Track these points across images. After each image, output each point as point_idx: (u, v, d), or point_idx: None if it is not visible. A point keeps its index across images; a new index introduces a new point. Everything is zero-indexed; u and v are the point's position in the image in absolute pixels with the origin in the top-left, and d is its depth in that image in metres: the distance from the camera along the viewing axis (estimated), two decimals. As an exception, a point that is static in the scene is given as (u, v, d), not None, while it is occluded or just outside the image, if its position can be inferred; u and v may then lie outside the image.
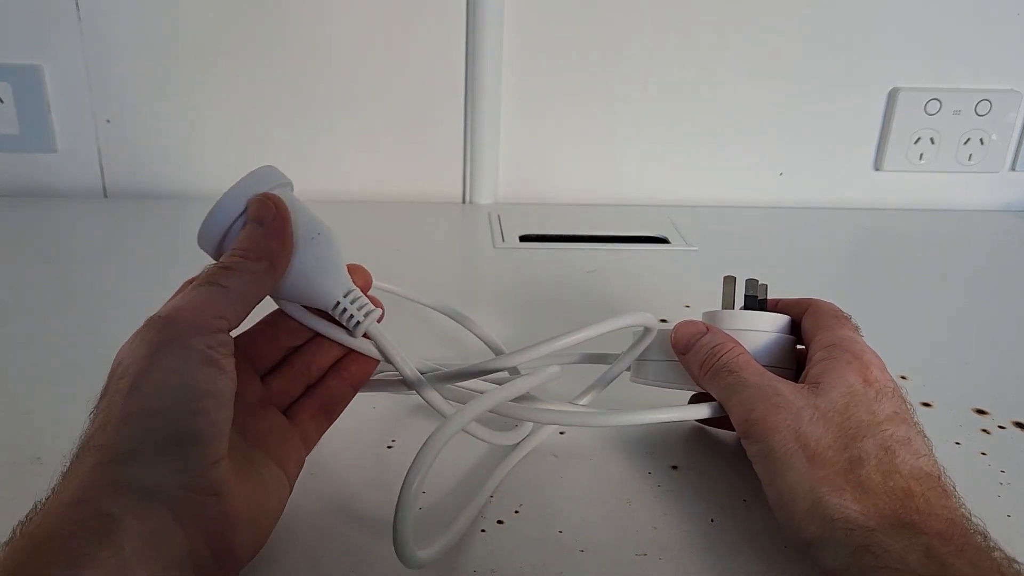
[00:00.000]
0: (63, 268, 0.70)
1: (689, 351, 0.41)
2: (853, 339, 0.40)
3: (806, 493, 0.34)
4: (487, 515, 0.40)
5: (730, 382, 0.39)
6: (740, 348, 0.40)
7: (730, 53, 0.83)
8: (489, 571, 0.37)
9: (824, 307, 0.43)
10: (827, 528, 0.33)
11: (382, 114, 0.83)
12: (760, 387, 0.38)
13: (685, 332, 0.42)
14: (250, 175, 0.36)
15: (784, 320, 0.43)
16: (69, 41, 0.79)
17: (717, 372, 0.40)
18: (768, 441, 0.36)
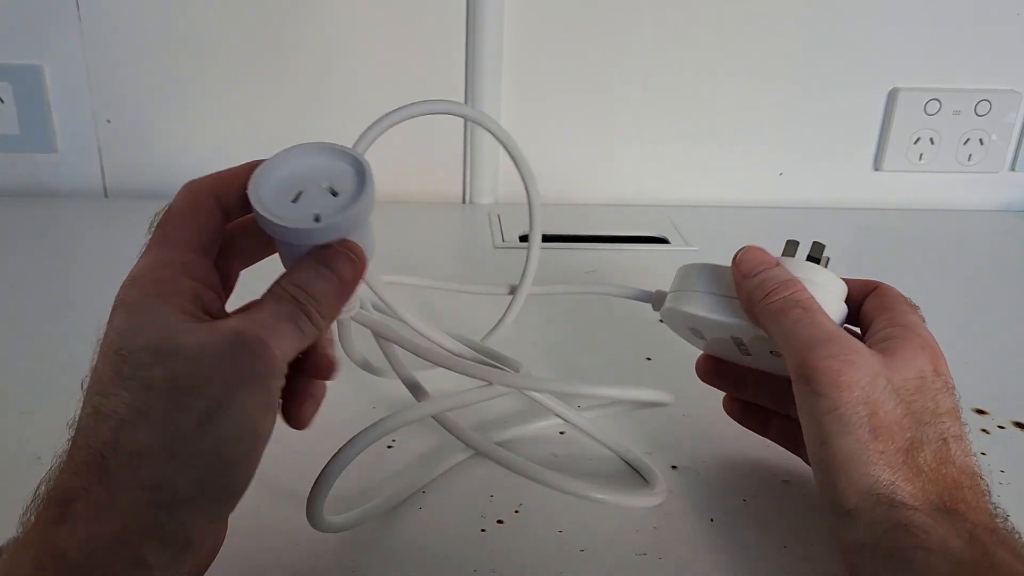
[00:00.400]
0: (63, 268, 0.70)
1: (754, 276, 0.38)
2: (924, 327, 0.39)
3: (860, 465, 0.33)
4: (487, 515, 0.40)
5: (800, 318, 0.36)
6: (809, 293, 0.38)
7: (730, 53, 0.83)
8: (489, 571, 0.37)
9: (894, 291, 0.41)
10: (869, 502, 0.32)
11: (382, 114, 0.83)
12: (837, 336, 0.35)
13: (754, 257, 0.39)
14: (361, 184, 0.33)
15: (844, 288, 0.40)
16: (69, 41, 0.79)
17: (786, 305, 0.37)
18: (836, 398, 0.33)
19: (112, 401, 0.28)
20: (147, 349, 0.29)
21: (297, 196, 0.33)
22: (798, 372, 0.35)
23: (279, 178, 0.34)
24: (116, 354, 0.29)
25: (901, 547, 0.31)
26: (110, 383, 0.29)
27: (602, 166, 0.87)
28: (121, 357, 0.29)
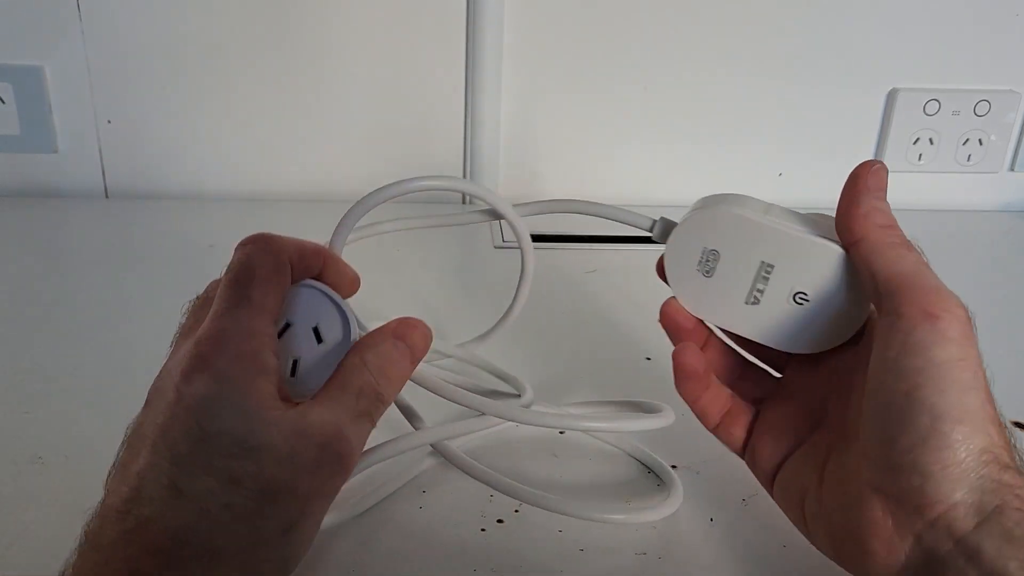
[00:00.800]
0: (63, 268, 0.70)
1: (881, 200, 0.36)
2: None
3: (976, 423, 0.30)
4: (487, 514, 0.40)
5: (922, 263, 0.34)
6: None
7: (730, 53, 0.83)
8: (489, 571, 0.37)
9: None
10: (978, 460, 0.30)
11: (382, 114, 0.84)
12: (950, 293, 0.32)
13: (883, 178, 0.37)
14: None
15: None
16: (70, 41, 0.79)
17: (910, 245, 0.34)
18: (962, 349, 0.31)
19: (195, 484, 0.27)
20: (234, 438, 0.28)
21: (284, 328, 0.33)
22: (923, 310, 0.31)
23: None
24: (198, 427, 0.28)
25: (1008, 508, 0.29)
26: (191, 461, 0.28)
27: (602, 166, 0.87)
28: (204, 433, 0.28)
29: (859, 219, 0.35)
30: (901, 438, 0.30)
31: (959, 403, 0.30)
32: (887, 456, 0.30)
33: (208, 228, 0.78)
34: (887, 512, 0.31)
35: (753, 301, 0.37)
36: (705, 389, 0.37)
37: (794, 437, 0.37)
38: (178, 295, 0.64)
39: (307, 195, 0.86)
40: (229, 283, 0.31)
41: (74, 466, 0.43)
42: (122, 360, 0.54)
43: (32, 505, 0.40)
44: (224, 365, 0.29)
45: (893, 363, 0.31)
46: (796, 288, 0.36)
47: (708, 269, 0.38)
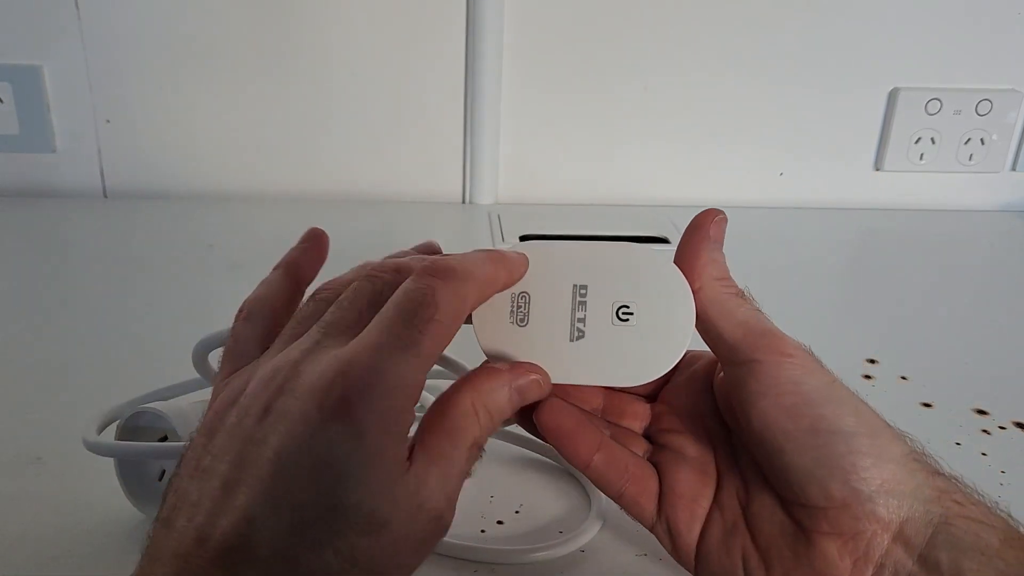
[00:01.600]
0: (62, 268, 0.70)
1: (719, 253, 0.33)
2: None
3: (887, 428, 0.30)
4: (487, 515, 0.40)
5: (759, 312, 0.33)
6: None
7: (730, 53, 0.83)
8: (489, 571, 0.37)
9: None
10: (910, 468, 0.29)
11: (382, 114, 0.83)
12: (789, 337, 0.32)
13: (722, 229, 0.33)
14: None
15: None
16: (69, 41, 0.79)
17: (743, 296, 0.33)
18: (828, 374, 0.31)
19: (315, 560, 0.25)
20: (364, 513, 0.25)
21: None
22: (773, 350, 0.30)
23: None
24: (331, 494, 0.25)
25: (952, 516, 0.29)
26: (316, 533, 0.25)
27: (602, 166, 0.87)
28: (336, 503, 0.25)
29: (699, 269, 0.32)
30: (830, 472, 0.29)
31: (860, 419, 0.30)
32: (825, 495, 0.29)
33: (207, 228, 0.78)
34: (844, 551, 0.29)
35: (578, 335, 0.33)
36: (595, 449, 0.33)
37: (703, 498, 0.33)
38: (177, 295, 0.64)
39: (307, 195, 0.86)
40: (403, 312, 0.27)
41: (74, 466, 0.42)
42: (122, 360, 0.54)
43: (32, 505, 0.39)
44: (368, 424, 0.25)
45: (776, 408, 0.30)
46: (617, 301, 0.33)
47: (522, 316, 0.33)
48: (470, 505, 0.41)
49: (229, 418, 0.27)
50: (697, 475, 0.33)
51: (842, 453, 0.29)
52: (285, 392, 0.26)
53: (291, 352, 0.28)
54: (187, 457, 0.27)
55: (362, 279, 0.30)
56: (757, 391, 0.30)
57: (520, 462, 0.44)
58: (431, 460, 0.27)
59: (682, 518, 0.33)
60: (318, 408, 0.25)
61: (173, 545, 0.25)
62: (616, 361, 0.33)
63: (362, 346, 0.26)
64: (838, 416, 0.29)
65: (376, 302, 0.28)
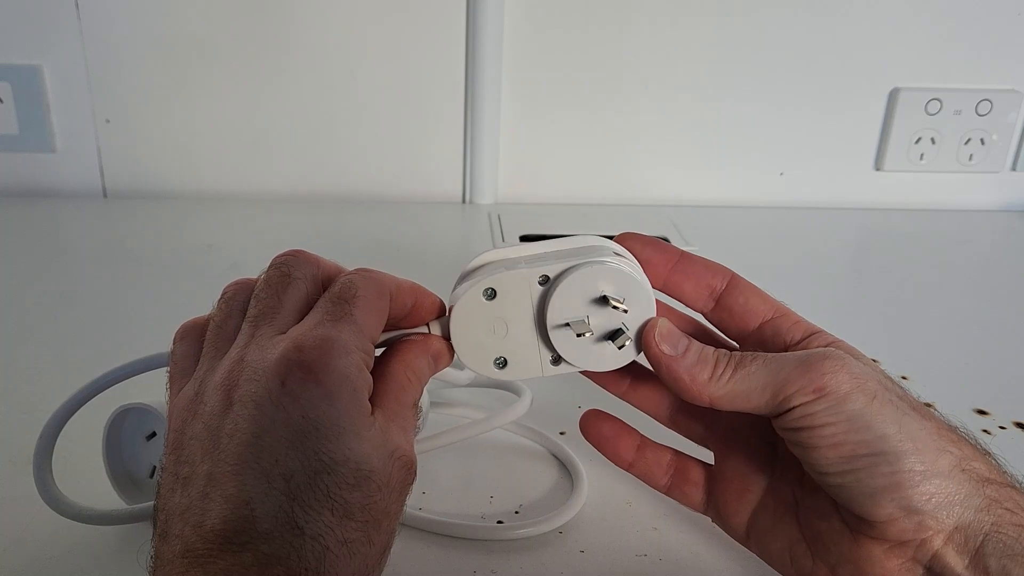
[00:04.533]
0: (61, 267, 0.70)
1: (684, 355, 0.33)
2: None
3: (931, 441, 0.29)
4: (487, 515, 0.40)
5: (755, 365, 0.32)
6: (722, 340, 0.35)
7: (730, 53, 0.83)
8: (489, 572, 0.37)
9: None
10: (957, 480, 0.29)
11: (382, 114, 0.83)
12: (795, 354, 0.32)
13: (670, 331, 0.33)
14: None
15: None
16: (69, 41, 0.79)
17: (737, 363, 0.32)
18: (864, 391, 0.30)
19: (315, 522, 0.26)
20: (350, 468, 0.27)
21: None
22: (804, 391, 0.30)
23: None
24: (316, 457, 0.26)
25: (1002, 524, 0.29)
26: (311, 494, 0.26)
27: (602, 166, 0.87)
28: (323, 465, 0.26)
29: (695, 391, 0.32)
30: (876, 494, 0.29)
31: (905, 437, 0.29)
32: (873, 512, 0.30)
33: (207, 228, 0.78)
34: (890, 554, 0.31)
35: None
36: (633, 450, 0.36)
37: (759, 493, 0.35)
38: (176, 295, 0.64)
39: (306, 195, 0.86)
40: (331, 299, 0.30)
41: (74, 466, 0.43)
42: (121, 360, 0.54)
43: (32, 505, 0.39)
44: (333, 383, 0.27)
45: (816, 439, 0.30)
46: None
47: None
48: (470, 505, 0.41)
49: (193, 427, 0.28)
50: (749, 462, 0.35)
51: (886, 474, 0.29)
52: (240, 383, 0.28)
53: (232, 352, 0.29)
54: (164, 479, 0.28)
55: (269, 269, 0.32)
56: (798, 430, 0.31)
57: (520, 462, 0.44)
58: (388, 417, 0.29)
59: (730, 502, 0.35)
60: (281, 383, 0.27)
61: (178, 548, 0.26)
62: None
63: (304, 327, 0.29)
64: (881, 438, 0.29)
65: (288, 285, 0.31)
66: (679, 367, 0.32)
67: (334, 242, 0.75)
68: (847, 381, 0.30)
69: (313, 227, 0.79)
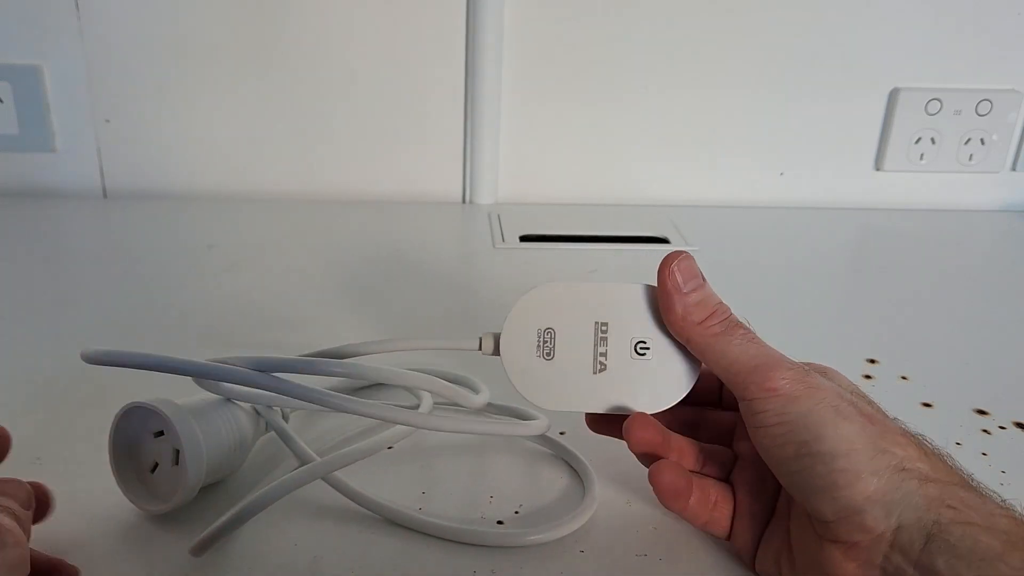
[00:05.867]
0: (63, 268, 0.70)
1: (689, 293, 0.36)
2: None
3: (868, 443, 0.31)
4: (487, 515, 0.40)
5: (746, 339, 0.35)
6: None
7: (730, 52, 0.83)
8: (489, 572, 0.37)
9: None
10: (894, 480, 0.30)
11: (382, 114, 0.83)
12: (782, 356, 0.34)
13: (689, 269, 0.36)
14: None
15: None
16: (69, 41, 0.79)
17: (727, 328, 0.35)
18: (814, 396, 0.32)
19: None
20: None
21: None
22: (759, 386, 0.33)
23: None
24: None
25: (944, 524, 0.29)
26: None
27: (602, 166, 0.87)
28: None
29: (678, 324, 0.36)
30: (817, 493, 0.31)
31: (839, 437, 0.31)
32: (819, 512, 0.32)
33: (206, 228, 0.78)
34: (847, 556, 0.32)
35: (601, 368, 0.38)
36: (690, 495, 0.37)
37: (767, 508, 0.37)
38: (176, 295, 0.64)
39: (307, 195, 0.86)
40: None
41: (74, 466, 0.43)
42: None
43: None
44: None
45: (770, 437, 0.33)
46: (635, 337, 0.37)
47: (548, 351, 0.38)
48: (470, 505, 0.41)
49: None
50: (758, 484, 0.37)
51: (822, 474, 0.31)
52: None
53: None
54: None
55: None
56: (752, 424, 0.34)
57: (519, 462, 0.44)
58: None
59: (745, 527, 0.37)
60: None
61: None
62: (634, 391, 0.37)
63: None
64: (817, 439, 0.31)
65: None
66: (679, 299, 0.36)
67: (334, 242, 0.75)
68: (797, 386, 0.33)
69: (313, 227, 0.79)
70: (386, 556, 0.37)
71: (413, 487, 0.42)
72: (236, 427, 0.40)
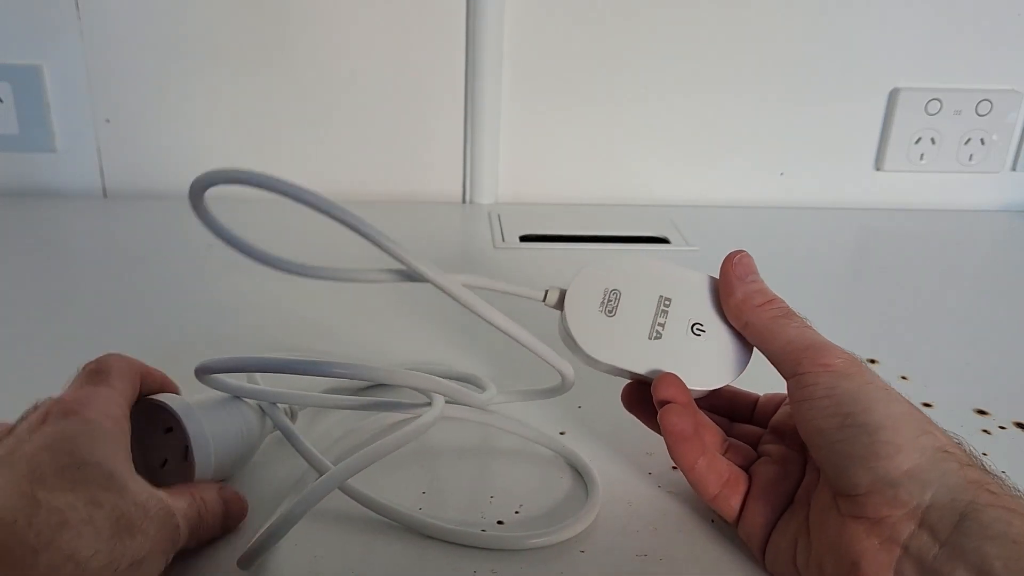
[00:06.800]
0: (61, 268, 0.70)
1: (750, 282, 0.39)
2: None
3: (915, 424, 0.32)
4: (487, 515, 0.40)
5: (801, 326, 0.37)
6: None
7: (730, 53, 0.83)
8: (489, 572, 0.37)
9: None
10: (935, 458, 0.31)
11: (382, 114, 0.83)
12: (835, 345, 0.36)
13: (750, 264, 0.40)
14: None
15: None
16: (69, 41, 0.79)
17: (785, 314, 0.38)
18: (864, 376, 0.34)
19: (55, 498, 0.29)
20: (104, 471, 0.31)
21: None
22: (812, 362, 0.35)
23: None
24: (68, 456, 0.31)
25: (979, 506, 0.30)
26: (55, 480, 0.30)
27: (602, 166, 0.87)
28: (74, 460, 0.31)
29: (736, 308, 0.39)
30: (855, 462, 0.32)
31: (888, 414, 0.32)
32: (852, 484, 0.32)
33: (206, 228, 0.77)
34: (870, 533, 0.32)
35: (656, 336, 0.40)
36: (700, 455, 0.38)
37: (785, 499, 0.37)
38: (176, 295, 0.64)
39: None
40: (87, 373, 0.37)
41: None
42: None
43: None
44: (93, 415, 0.33)
45: (815, 408, 0.34)
46: (693, 319, 0.40)
47: (611, 309, 0.40)
48: (470, 505, 0.41)
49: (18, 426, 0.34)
50: (779, 476, 0.38)
51: (865, 444, 0.32)
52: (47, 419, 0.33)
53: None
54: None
55: None
56: (800, 398, 0.35)
57: (519, 462, 0.44)
58: (175, 491, 0.35)
59: (758, 512, 0.37)
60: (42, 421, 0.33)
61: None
62: (683, 365, 0.39)
63: (65, 393, 0.36)
64: (865, 412, 0.33)
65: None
66: (740, 286, 0.39)
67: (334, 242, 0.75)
68: (851, 366, 0.34)
69: (313, 227, 0.79)
70: (386, 556, 0.37)
71: (413, 487, 0.42)
72: (244, 423, 0.40)
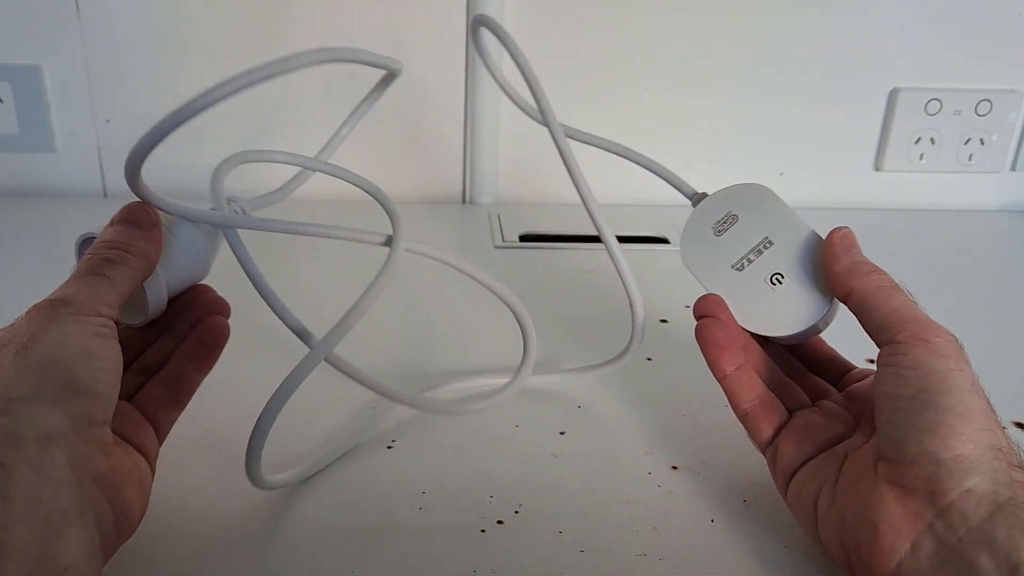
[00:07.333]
0: (61, 268, 0.69)
1: (856, 251, 0.41)
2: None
3: (984, 420, 0.33)
4: (487, 515, 0.40)
5: (913, 302, 0.37)
6: None
7: (730, 52, 0.83)
8: (489, 571, 0.37)
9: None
10: (989, 454, 0.32)
11: (382, 114, 0.83)
12: (939, 325, 0.36)
13: (854, 238, 0.41)
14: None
15: None
16: (69, 41, 0.79)
17: (892, 284, 0.38)
18: (958, 364, 0.34)
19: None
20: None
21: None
22: (914, 334, 0.35)
23: None
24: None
25: (1021, 502, 0.30)
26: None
27: (602, 167, 0.87)
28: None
29: (843, 275, 0.39)
30: (911, 432, 0.33)
31: (961, 402, 0.33)
32: (900, 450, 0.33)
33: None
34: (900, 500, 0.32)
35: (739, 268, 0.42)
36: (733, 365, 0.40)
37: (820, 445, 0.38)
38: (177, 295, 0.64)
39: (306, 195, 0.86)
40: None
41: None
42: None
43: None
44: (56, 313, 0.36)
45: (896, 375, 0.34)
46: (778, 269, 0.42)
47: (721, 230, 0.43)
48: (470, 505, 0.41)
49: None
50: (820, 424, 0.39)
51: (928, 419, 0.32)
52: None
53: None
54: None
55: None
56: (888, 363, 0.35)
57: (520, 462, 0.44)
58: None
59: (792, 446, 0.39)
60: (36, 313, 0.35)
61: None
62: (741, 302, 0.42)
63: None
64: (942, 393, 0.33)
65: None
66: (846, 254, 0.40)
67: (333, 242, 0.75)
68: (950, 349, 0.34)
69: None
70: (386, 556, 0.37)
71: (413, 487, 0.42)
72: (191, 240, 0.45)
